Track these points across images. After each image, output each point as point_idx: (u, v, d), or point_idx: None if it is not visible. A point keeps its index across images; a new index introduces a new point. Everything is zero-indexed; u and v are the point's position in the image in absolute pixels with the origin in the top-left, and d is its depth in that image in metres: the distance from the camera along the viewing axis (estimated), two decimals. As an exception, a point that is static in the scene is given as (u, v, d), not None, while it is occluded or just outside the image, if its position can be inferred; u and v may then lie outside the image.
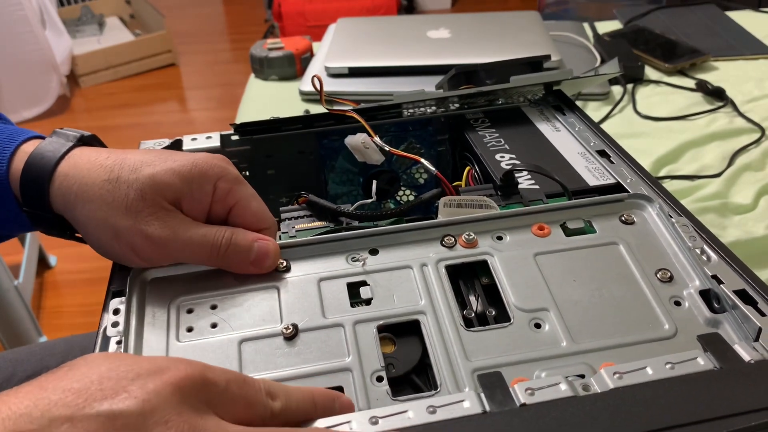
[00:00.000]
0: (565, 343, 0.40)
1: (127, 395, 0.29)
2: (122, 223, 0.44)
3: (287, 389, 0.35)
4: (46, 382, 0.29)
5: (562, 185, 0.52)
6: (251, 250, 0.45)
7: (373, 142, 0.59)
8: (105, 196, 0.44)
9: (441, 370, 0.39)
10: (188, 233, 0.44)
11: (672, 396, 0.33)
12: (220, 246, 0.44)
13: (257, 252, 0.45)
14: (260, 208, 0.49)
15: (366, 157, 0.59)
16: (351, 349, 0.40)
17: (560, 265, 0.45)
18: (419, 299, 0.44)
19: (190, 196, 0.46)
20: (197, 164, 0.46)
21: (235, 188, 0.47)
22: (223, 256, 0.45)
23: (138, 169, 0.45)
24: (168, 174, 0.45)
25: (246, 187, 0.49)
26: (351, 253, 0.47)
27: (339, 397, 0.36)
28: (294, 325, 0.42)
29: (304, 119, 0.64)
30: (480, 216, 0.49)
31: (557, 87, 0.69)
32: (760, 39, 1.25)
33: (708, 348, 0.37)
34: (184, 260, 0.46)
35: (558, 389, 0.34)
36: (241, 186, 0.48)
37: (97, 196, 0.44)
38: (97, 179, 0.45)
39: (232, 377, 0.33)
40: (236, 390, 0.33)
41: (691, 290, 0.43)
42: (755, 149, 0.94)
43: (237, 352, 0.41)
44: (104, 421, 0.27)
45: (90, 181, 0.45)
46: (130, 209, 0.44)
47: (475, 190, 0.55)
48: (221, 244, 0.45)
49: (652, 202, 0.49)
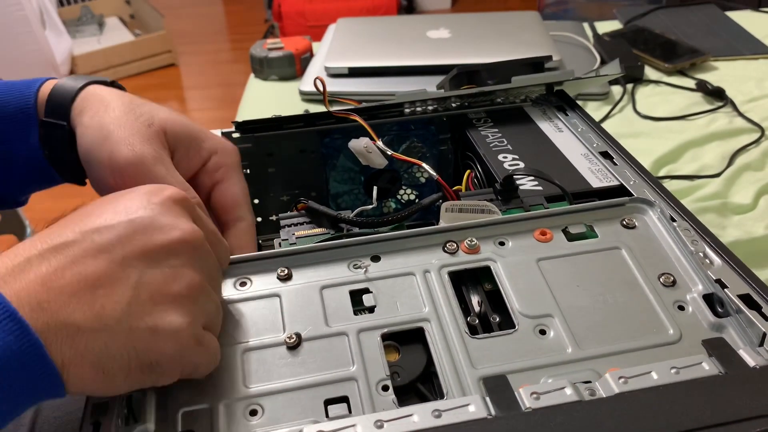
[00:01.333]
0: (571, 350, 0.40)
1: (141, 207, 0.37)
2: (117, 133, 0.48)
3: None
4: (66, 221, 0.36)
5: (563, 189, 0.52)
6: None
7: (375, 147, 0.58)
8: (119, 111, 0.49)
9: (447, 378, 0.39)
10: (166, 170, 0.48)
11: (677, 401, 0.33)
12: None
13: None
14: (241, 198, 0.53)
15: (369, 161, 0.59)
16: (355, 358, 0.40)
17: (563, 270, 0.45)
18: (423, 306, 0.43)
19: (185, 151, 0.51)
20: (206, 132, 0.53)
21: (228, 169, 0.53)
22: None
23: (157, 109, 0.51)
24: (179, 125, 0.51)
25: (238, 175, 0.53)
26: (352, 260, 0.46)
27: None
28: (297, 334, 0.41)
29: (305, 118, 0.64)
30: (481, 222, 0.48)
31: (559, 87, 0.69)
32: (760, 39, 1.25)
33: (713, 353, 0.37)
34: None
35: (563, 393, 0.34)
36: (233, 171, 0.53)
37: (111, 108, 0.49)
38: (118, 99, 0.50)
39: (208, 218, 0.42)
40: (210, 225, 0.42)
41: (695, 294, 0.43)
42: (755, 149, 0.95)
43: (240, 362, 0.40)
44: (127, 225, 0.36)
45: (109, 99, 0.50)
46: (132, 127, 0.48)
47: (475, 194, 0.55)
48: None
49: (653, 206, 0.49)
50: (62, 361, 0.31)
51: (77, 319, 0.32)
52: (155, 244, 0.36)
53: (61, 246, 0.33)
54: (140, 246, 0.35)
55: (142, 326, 0.33)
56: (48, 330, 0.31)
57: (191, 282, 0.36)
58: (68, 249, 0.33)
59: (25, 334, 0.30)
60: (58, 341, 0.31)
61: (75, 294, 0.32)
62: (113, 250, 0.34)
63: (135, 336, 0.33)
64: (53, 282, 0.32)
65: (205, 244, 0.39)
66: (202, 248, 0.38)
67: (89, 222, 0.35)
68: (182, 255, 0.37)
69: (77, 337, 0.32)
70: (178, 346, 0.35)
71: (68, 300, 0.32)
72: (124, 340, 0.33)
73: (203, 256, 0.39)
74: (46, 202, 2.49)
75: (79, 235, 0.34)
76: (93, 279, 0.33)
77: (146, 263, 0.35)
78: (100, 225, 0.35)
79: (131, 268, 0.34)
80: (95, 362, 0.32)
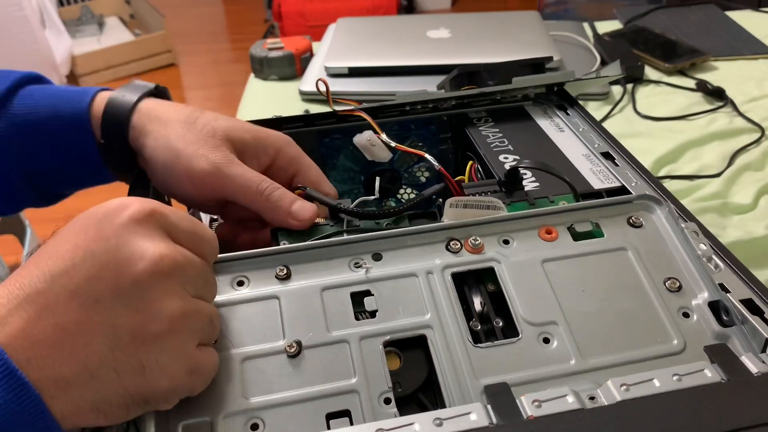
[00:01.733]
0: (574, 361, 0.40)
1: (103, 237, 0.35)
2: (187, 149, 0.49)
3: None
4: (38, 257, 0.35)
5: (571, 185, 0.51)
6: (292, 202, 0.49)
7: (379, 140, 0.58)
8: (180, 128, 0.51)
9: (449, 389, 0.38)
10: (242, 168, 0.50)
11: (679, 409, 0.33)
12: (264, 189, 0.49)
13: (297, 207, 0.49)
14: (320, 177, 0.54)
15: (374, 155, 0.58)
16: (357, 369, 0.39)
17: (568, 273, 0.44)
18: (425, 311, 0.42)
19: (253, 153, 0.52)
20: (265, 131, 0.54)
21: (297, 159, 0.54)
22: (266, 200, 0.49)
23: (216, 118, 0.52)
24: (240, 130, 0.52)
25: (307, 160, 0.55)
26: (354, 258, 0.45)
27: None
28: (297, 342, 0.40)
29: (305, 118, 0.64)
30: (486, 219, 0.47)
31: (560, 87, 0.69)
32: (760, 39, 1.25)
33: (715, 359, 0.37)
34: (233, 194, 0.50)
35: (565, 401, 0.34)
36: (302, 159, 0.54)
37: (173, 126, 0.51)
38: (176, 116, 0.52)
39: (184, 216, 0.40)
40: (187, 225, 0.39)
41: (700, 301, 0.42)
42: (755, 149, 0.94)
43: (239, 371, 0.40)
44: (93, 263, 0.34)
45: (167, 117, 0.52)
46: (198, 141, 0.50)
47: (478, 185, 0.54)
48: (265, 188, 0.49)
49: (661, 204, 0.48)
50: (61, 413, 0.32)
51: (65, 373, 0.32)
52: (125, 280, 0.34)
53: (34, 295, 0.33)
54: (110, 285, 0.34)
55: (129, 369, 0.33)
56: (41, 386, 0.31)
57: (171, 314, 0.35)
58: (41, 298, 0.33)
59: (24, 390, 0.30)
60: (53, 395, 0.31)
61: (57, 346, 0.32)
62: (84, 295, 0.33)
63: (125, 379, 0.33)
64: (35, 336, 0.32)
65: (179, 261, 0.36)
66: (177, 267, 0.36)
67: (55, 265, 0.34)
68: (155, 286, 0.35)
69: (69, 390, 0.32)
70: (170, 382, 0.35)
71: (52, 353, 0.32)
72: (115, 385, 0.33)
73: (181, 274, 0.36)
74: (46, 202, 2.50)
75: (49, 281, 0.33)
76: (71, 328, 0.32)
77: (120, 302, 0.33)
78: (65, 267, 0.34)
79: (106, 311, 0.33)
80: (93, 408, 0.33)
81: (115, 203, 0.37)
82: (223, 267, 0.44)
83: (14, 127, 0.52)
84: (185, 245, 0.38)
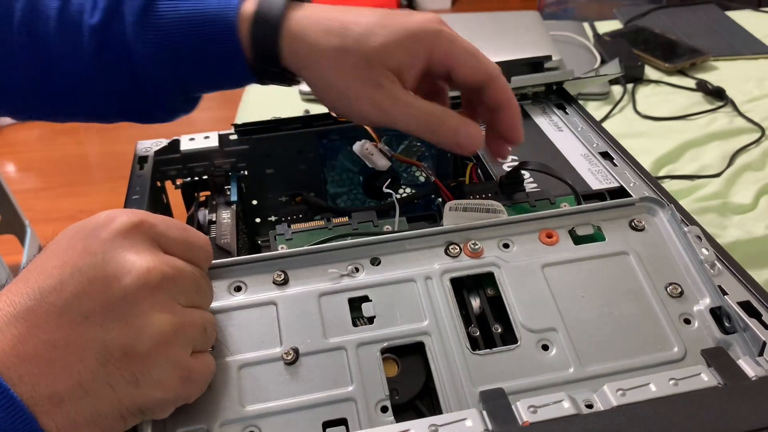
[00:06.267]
0: (573, 369, 0.39)
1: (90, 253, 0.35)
2: (351, 91, 0.49)
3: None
4: (28, 272, 0.35)
5: (572, 187, 0.51)
6: (458, 133, 0.49)
7: (376, 149, 0.58)
8: (334, 64, 0.49)
9: (447, 397, 0.38)
10: (405, 105, 0.49)
11: (676, 414, 0.33)
12: (432, 121, 0.49)
13: (463, 136, 0.49)
14: (478, 65, 0.50)
15: (372, 163, 0.58)
16: (354, 376, 0.39)
17: (568, 278, 0.44)
18: (423, 318, 0.42)
19: (409, 63, 0.49)
20: (413, 34, 0.49)
21: (450, 50, 0.50)
22: (435, 131, 0.49)
23: (363, 40, 0.49)
24: (390, 46, 0.49)
25: (459, 46, 0.50)
26: (351, 262, 0.45)
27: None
28: (294, 349, 0.40)
29: (303, 119, 0.64)
30: (486, 222, 0.47)
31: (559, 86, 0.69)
32: (760, 39, 1.25)
33: (712, 363, 0.37)
34: (402, 125, 0.49)
35: (561, 407, 0.34)
36: (454, 47, 0.50)
37: (325, 62, 0.49)
38: (326, 46, 0.49)
39: (174, 223, 0.39)
40: (177, 233, 0.39)
41: (702, 308, 0.42)
42: (755, 149, 0.95)
43: (236, 378, 0.39)
44: (81, 279, 0.34)
45: (318, 48, 0.49)
46: (356, 79, 0.48)
47: (479, 188, 0.54)
48: (434, 120, 0.49)
49: (663, 207, 0.47)
50: (57, 429, 0.32)
51: (59, 389, 0.32)
52: (113, 295, 0.34)
53: (23, 312, 0.33)
54: (99, 301, 0.33)
55: (123, 382, 0.33)
56: (35, 403, 0.31)
57: (161, 329, 0.34)
58: (30, 315, 0.33)
59: (16, 409, 0.31)
60: (47, 411, 0.31)
61: (48, 363, 0.32)
62: (73, 311, 0.33)
63: (119, 392, 0.33)
64: (26, 353, 0.32)
65: (167, 272, 0.36)
66: (165, 279, 0.36)
67: (44, 281, 0.34)
68: (144, 301, 0.34)
69: (63, 406, 0.32)
70: (165, 392, 0.35)
71: (44, 370, 0.32)
72: (110, 398, 0.33)
73: (170, 285, 0.36)
74: (46, 202, 2.49)
75: (38, 298, 0.33)
76: (61, 345, 0.32)
77: (110, 317, 0.33)
78: (53, 284, 0.33)
79: (96, 327, 0.33)
80: (89, 421, 0.33)
81: (102, 216, 0.37)
82: (220, 272, 0.44)
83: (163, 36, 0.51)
84: (176, 254, 0.38)
